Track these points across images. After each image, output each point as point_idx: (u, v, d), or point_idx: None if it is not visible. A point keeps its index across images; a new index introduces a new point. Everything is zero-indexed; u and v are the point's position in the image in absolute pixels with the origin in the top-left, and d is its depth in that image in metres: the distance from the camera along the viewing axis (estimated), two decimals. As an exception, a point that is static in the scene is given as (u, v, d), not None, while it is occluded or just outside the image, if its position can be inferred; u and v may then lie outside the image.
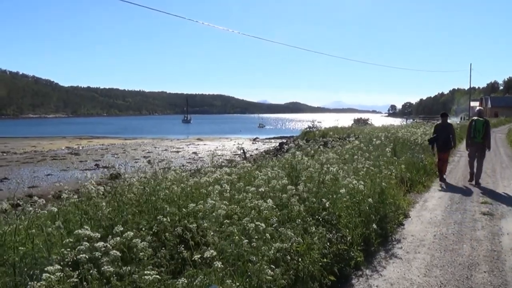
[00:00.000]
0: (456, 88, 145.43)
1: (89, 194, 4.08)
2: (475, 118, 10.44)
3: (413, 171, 9.70)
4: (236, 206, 3.99)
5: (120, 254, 2.78)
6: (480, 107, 12.75)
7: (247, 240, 3.23)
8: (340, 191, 5.06)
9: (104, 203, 4.00)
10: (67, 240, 2.98)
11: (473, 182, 10.09)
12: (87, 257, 2.66)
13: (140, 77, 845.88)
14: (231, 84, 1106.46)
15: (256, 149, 38.19)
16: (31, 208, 3.54)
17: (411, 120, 54.31)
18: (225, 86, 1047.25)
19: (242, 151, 28.95)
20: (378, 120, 45.13)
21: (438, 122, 12.07)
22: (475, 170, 10.26)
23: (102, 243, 2.77)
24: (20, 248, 2.96)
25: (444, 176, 10.53)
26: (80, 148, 39.59)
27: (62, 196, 4.10)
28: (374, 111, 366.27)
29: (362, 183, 5.54)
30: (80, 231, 2.88)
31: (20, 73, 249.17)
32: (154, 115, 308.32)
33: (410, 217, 6.88)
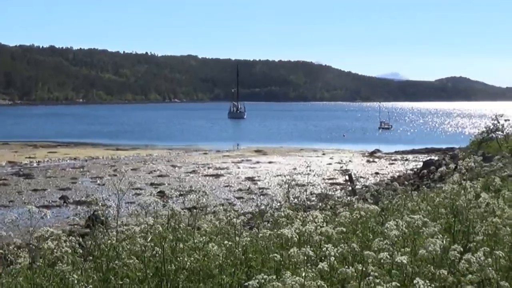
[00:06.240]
0: None
1: (53, 255, 4.25)
2: None
3: None
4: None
5: None
6: None
7: None
8: None
9: (77, 276, 4.16)
10: None
11: None
12: None
13: (146, 30, 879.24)
14: (326, 43, 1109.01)
15: (376, 173, 37.73)
16: None
17: None
18: (313, 46, 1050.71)
19: (347, 177, 28.77)
20: None
21: None
22: None
23: None
24: None
25: None
26: (35, 164, 42.05)
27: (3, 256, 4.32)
28: None
29: None
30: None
31: None
32: (173, 101, 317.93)
33: None
